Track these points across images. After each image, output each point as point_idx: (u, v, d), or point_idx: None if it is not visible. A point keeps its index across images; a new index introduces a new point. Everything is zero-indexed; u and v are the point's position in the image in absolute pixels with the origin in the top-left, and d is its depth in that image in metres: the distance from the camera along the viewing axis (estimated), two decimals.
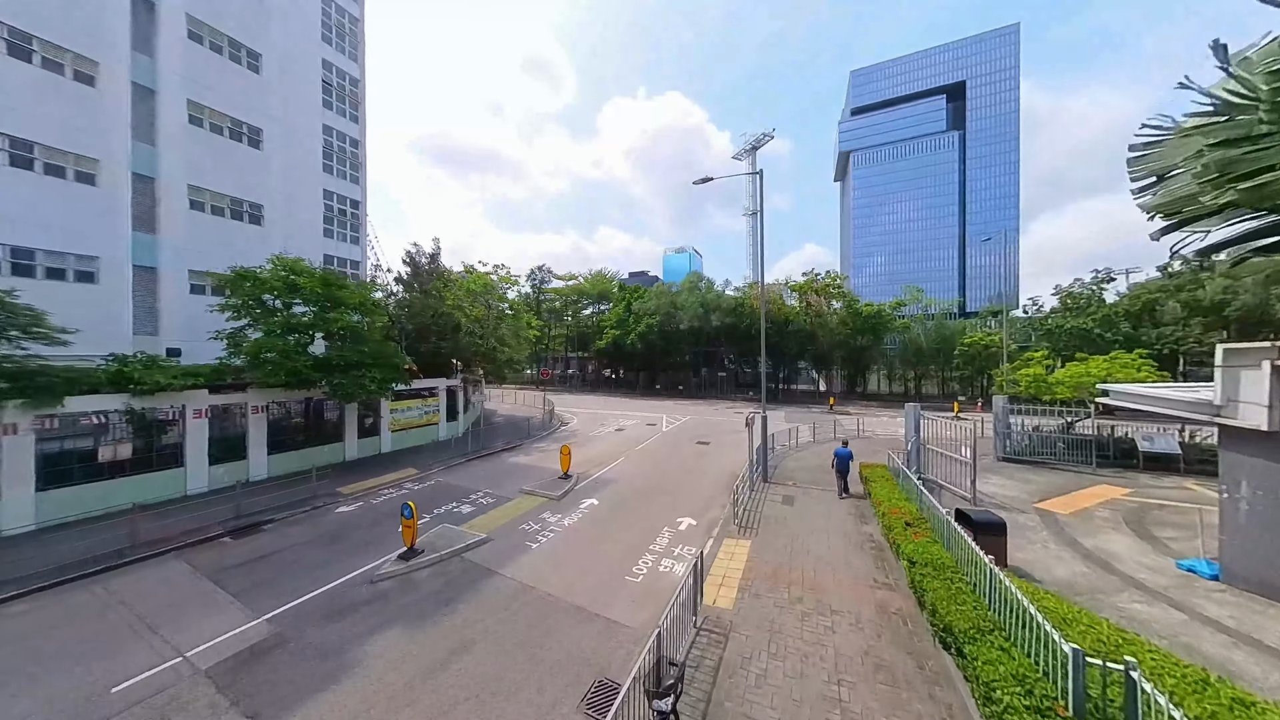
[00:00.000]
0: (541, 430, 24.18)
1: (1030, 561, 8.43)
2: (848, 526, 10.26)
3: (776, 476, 14.58)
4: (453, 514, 11.69)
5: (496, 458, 18.26)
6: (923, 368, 38.17)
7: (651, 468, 16.34)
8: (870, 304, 38.97)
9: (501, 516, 11.46)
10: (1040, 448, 16.07)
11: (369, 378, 15.07)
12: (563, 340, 55.55)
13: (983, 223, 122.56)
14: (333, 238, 23.10)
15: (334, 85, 23.18)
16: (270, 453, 14.70)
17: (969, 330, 35.28)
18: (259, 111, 19.53)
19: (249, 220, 19.26)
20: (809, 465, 16.13)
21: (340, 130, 23.51)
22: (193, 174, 17.48)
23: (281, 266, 14.44)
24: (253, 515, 11.29)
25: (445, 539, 9.72)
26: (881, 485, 10.90)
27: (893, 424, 27.09)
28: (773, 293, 40.41)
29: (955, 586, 5.84)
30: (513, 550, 9.42)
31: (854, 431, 22.70)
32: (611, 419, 28.70)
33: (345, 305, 15.40)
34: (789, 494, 12.76)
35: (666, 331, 39.66)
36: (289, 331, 14.33)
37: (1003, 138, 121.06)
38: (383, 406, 18.41)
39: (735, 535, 9.87)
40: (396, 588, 7.90)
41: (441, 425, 21.43)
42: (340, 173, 23.50)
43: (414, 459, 17.43)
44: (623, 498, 12.88)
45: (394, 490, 13.82)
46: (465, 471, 16.12)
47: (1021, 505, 11.75)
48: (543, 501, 12.57)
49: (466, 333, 20.71)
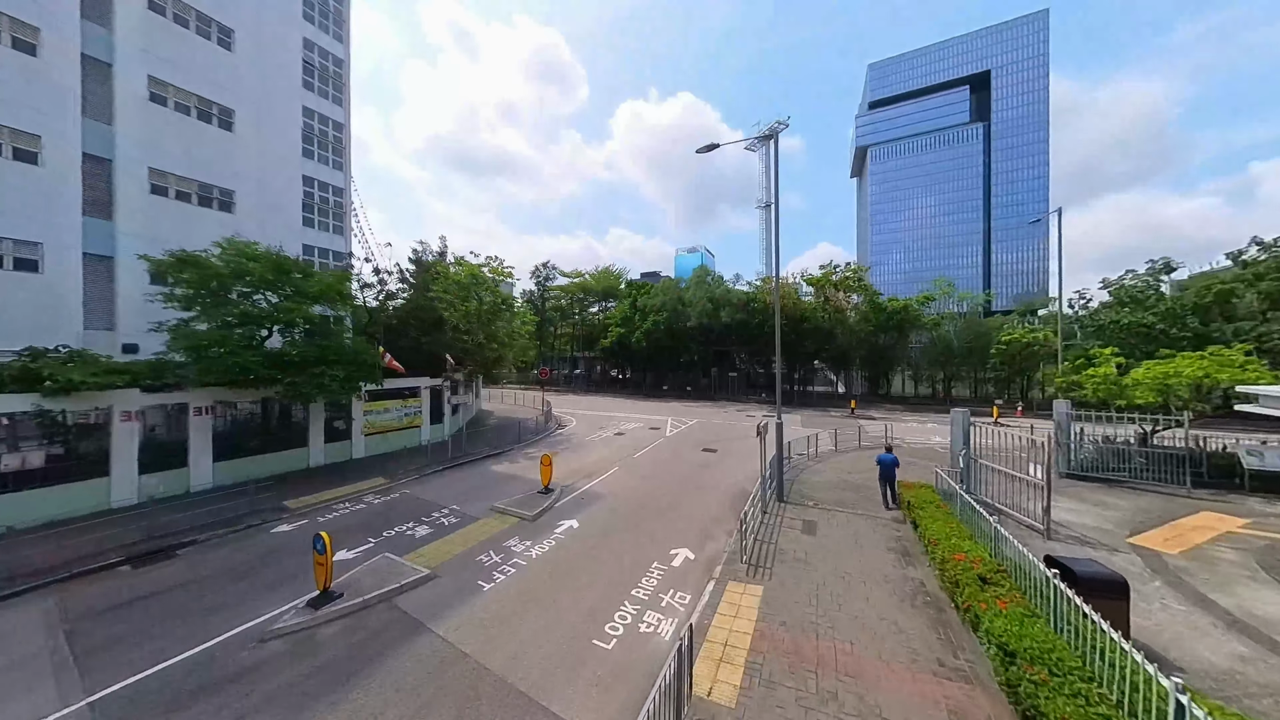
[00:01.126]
0: (536, 434, 22.31)
1: (1154, 631, 6.07)
2: (888, 568, 7.99)
3: (794, 495, 12.33)
4: (404, 537, 9.81)
5: (479, 465, 16.42)
6: (953, 368, 35.12)
7: (648, 480, 14.25)
8: (895, 298, 36.09)
9: (460, 542, 9.53)
10: (1113, 462, 13.43)
11: (330, 376, 13.36)
12: (569, 339, 53.86)
13: (1009, 217, 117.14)
14: (313, 227, 21.70)
15: (316, 65, 21.81)
16: (218, 459, 13.10)
17: (1006, 327, 32.14)
18: (230, 90, 18.17)
19: (218, 207, 17.89)
20: (832, 480, 13.81)
21: (323, 113, 22.12)
22: (154, 156, 16.14)
23: (231, 250, 12.86)
24: (170, 536, 9.60)
25: (378, 575, 7.82)
26: (931, 514, 8.58)
27: (923, 430, 24.40)
28: (787, 287, 37.88)
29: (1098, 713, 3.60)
30: (458, 593, 7.45)
31: (880, 439, 20.19)
32: (613, 422, 26.70)
33: (305, 295, 13.75)
34: (810, 518, 10.51)
35: (674, 329, 37.48)
36: (243, 323, 12.75)
37: (1031, 128, 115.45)
38: (355, 408, 16.76)
39: (743, 577, 7.72)
40: (288, 651, 6.00)
41: (425, 428, 19.72)
42: (322, 158, 22.10)
43: (387, 466, 15.70)
44: (609, 519, 10.83)
45: (350, 505, 12.04)
46: (439, 482, 14.30)
47: (1109, 540, 9.27)
48: (513, 523, 10.60)
49: (451, 328, 18.97)
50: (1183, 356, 12.63)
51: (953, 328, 35.24)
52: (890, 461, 11.43)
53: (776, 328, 12.51)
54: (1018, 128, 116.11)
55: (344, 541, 9.54)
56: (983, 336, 32.90)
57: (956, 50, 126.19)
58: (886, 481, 11.36)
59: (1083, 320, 27.36)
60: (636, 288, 44.38)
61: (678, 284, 41.82)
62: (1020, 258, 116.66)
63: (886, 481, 11.36)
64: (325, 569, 6.92)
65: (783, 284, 38.40)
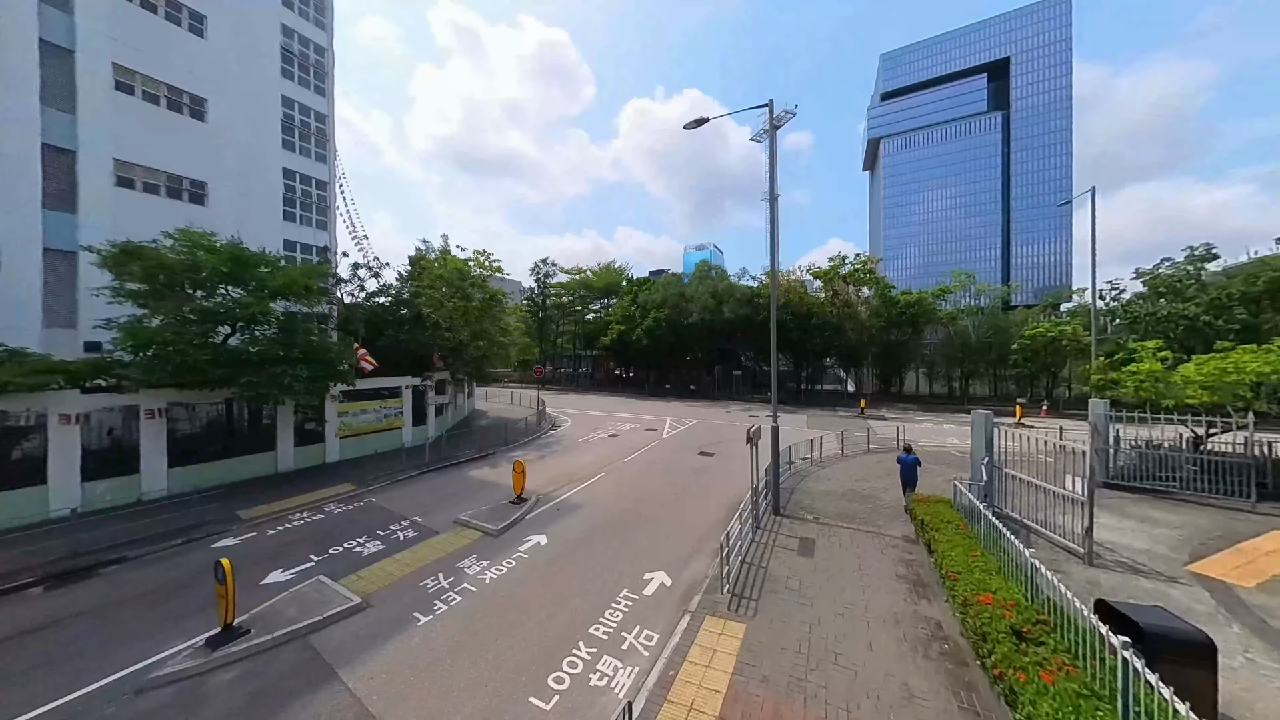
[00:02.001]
0: (525, 436, 21.31)
1: (1243, 699, 4.71)
2: (898, 602, 6.71)
3: (792, 506, 11.05)
4: (350, 555, 8.82)
5: (457, 471, 15.45)
6: (971, 365, 33.16)
7: (635, 488, 13.09)
8: (908, 291, 34.22)
9: (409, 562, 8.50)
10: (1159, 471, 11.86)
11: (292, 377, 12.48)
12: (570, 338, 52.93)
13: (1030, 209, 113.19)
14: (295, 221, 20.99)
15: (296, 54, 21.06)
16: (176, 465, 12.31)
17: (1030, 321, 30.12)
18: (204, 79, 17.45)
19: (190, 199, 17.20)
20: (836, 489, 12.47)
21: (304, 103, 21.38)
22: (120, 147, 15.45)
23: (185, 241, 12.04)
24: (100, 551, 8.75)
25: (302, 605, 6.81)
26: (949, 537, 7.26)
27: (937, 432, 22.77)
28: (792, 281, 36.30)
29: None
30: (387, 629, 6.39)
31: (891, 441, 18.71)
32: (609, 422, 25.60)
33: (267, 289, 12.89)
34: (808, 535, 9.24)
35: (676, 326, 36.19)
36: (202, 320, 11.92)
37: (1052, 116, 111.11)
38: (329, 409, 15.92)
39: (723, 611, 6.53)
40: (163, 706, 5.00)
41: (406, 430, 18.84)
42: (304, 150, 21.37)
43: (361, 471, 14.82)
44: (583, 534, 9.70)
45: (307, 515, 11.13)
46: (409, 488, 13.35)
47: (1164, 567, 7.84)
48: (475, 539, 9.54)
49: (431, 325, 18.05)
50: (1244, 350, 11.01)
51: (971, 322, 33.27)
52: (911, 462, 10.81)
53: (772, 321, 11.24)
54: (1039, 116, 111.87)
55: (283, 559, 8.60)
56: (1003, 331, 30.92)
57: (973, 37, 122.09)
58: (908, 484, 10.78)
59: (1115, 312, 25.33)
60: (638, 284, 43.18)
61: (680, 279, 40.45)
62: (1041, 251, 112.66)
63: (908, 484, 10.78)
64: (226, 601, 5.91)
65: (789, 279, 36.86)
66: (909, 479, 10.81)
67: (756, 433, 9.53)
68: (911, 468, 10.84)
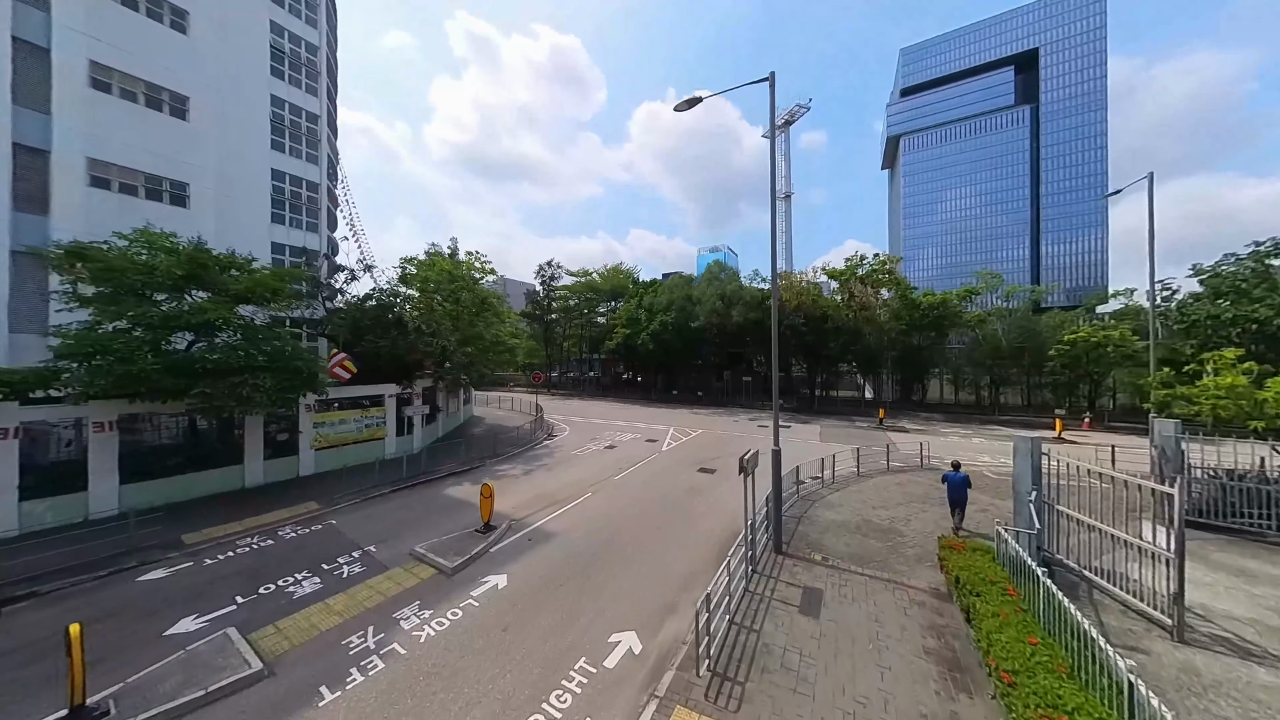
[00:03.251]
0: (517, 446, 20.17)
1: None
2: (926, 697, 5.16)
3: (797, 542, 9.51)
4: (280, 597, 7.69)
5: (435, 487, 14.36)
6: (1001, 371, 30.63)
7: (621, 512, 11.72)
8: (931, 292, 31.95)
9: (341, 609, 7.31)
10: (1245, 506, 9.88)
11: (253, 386, 11.56)
12: (577, 341, 51.95)
13: (1061, 206, 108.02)
14: (284, 224, 20.41)
15: (287, 52, 20.54)
16: (129, 480, 11.51)
17: (1069, 325, 27.54)
18: (186, 77, 16.95)
19: (170, 200, 16.67)
20: (849, 519, 10.84)
21: (295, 104, 20.85)
22: (96, 146, 14.97)
23: (139, 242, 11.28)
24: (8, 586, 7.85)
25: (191, 671, 5.66)
26: (995, 605, 5.65)
27: (966, 447, 20.68)
28: (804, 282, 34.40)
29: None
30: (282, 710, 5.18)
31: (914, 458, 16.87)
32: (609, 432, 24.29)
33: (228, 293, 12.05)
34: (814, 584, 7.71)
35: (682, 330, 34.72)
36: (160, 325, 11.12)
37: (1085, 109, 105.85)
38: (303, 419, 15.05)
39: (699, 702, 5.11)
40: None
41: (390, 441, 17.88)
42: (295, 151, 20.82)
43: (333, 486, 13.83)
44: (548, 574, 8.38)
45: (257, 540, 10.12)
46: (377, 509, 12.28)
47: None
48: (426, 577, 8.32)
49: (413, 330, 17.09)
50: None
51: (1001, 325, 30.78)
52: (960, 481, 9.93)
53: (774, 328, 9.76)
54: (1070, 109, 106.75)
55: (203, 601, 7.53)
56: (1037, 335, 28.39)
57: (999, 29, 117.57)
58: (957, 505, 9.93)
59: (1168, 315, 22.78)
60: (644, 286, 41.87)
61: (688, 281, 39.00)
62: (1073, 250, 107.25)
63: (957, 505, 9.93)
64: (73, 678, 4.78)
65: (802, 280, 35.01)
66: (958, 499, 9.90)
67: (752, 460, 8.05)
68: (961, 487, 9.91)
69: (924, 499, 12.38)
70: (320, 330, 17.26)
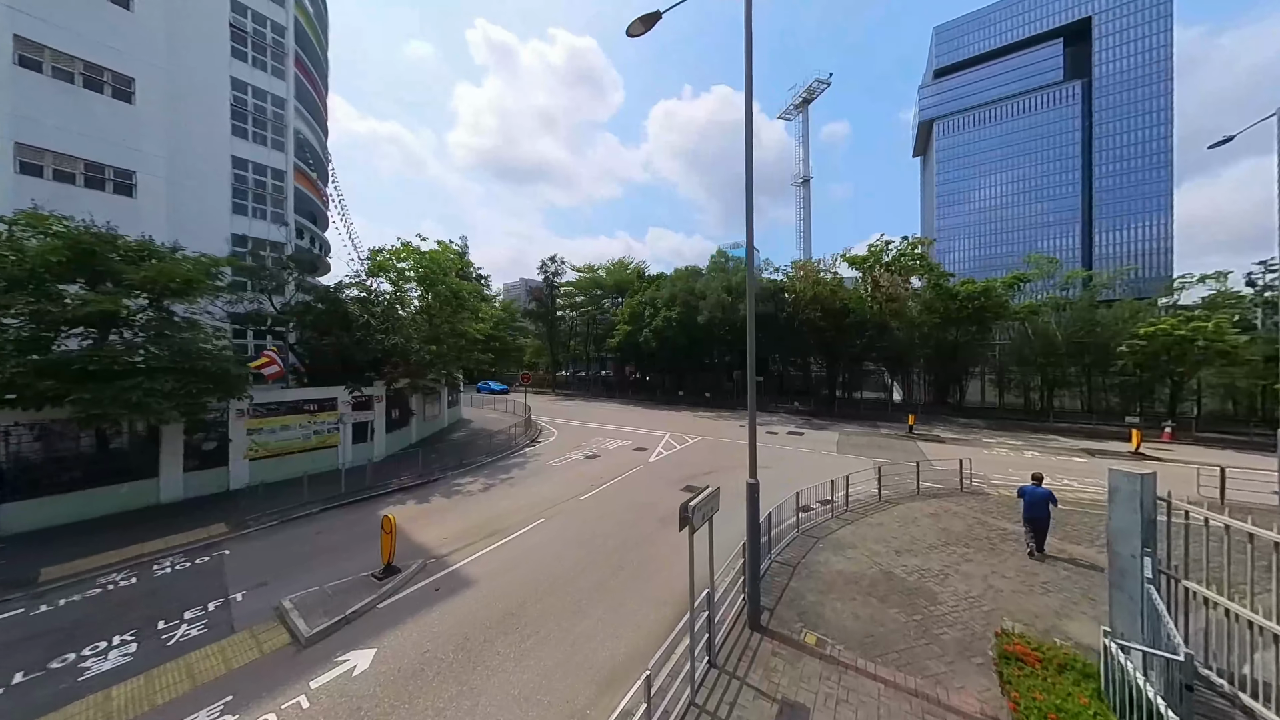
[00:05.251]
0: (492, 454, 18.17)
1: None
2: None
3: (786, 609, 6.88)
4: (71, 674, 5.73)
5: (373, 505, 12.43)
6: (1056, 371, 26.34)
7: (565, 551, 9.38)
8: (971, 281, 28.01)
9: (119, 706, 5.27)
10: None
11: (147, 390, 9.89)
12: (583, 340, 50.03)
13: (1117, 189, 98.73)
14: (246, 214, 19.15)
15: (249, 33, 19.27)
16: (16, 498, 10.05)
17: (1142, 316, 23.21)
18: (130, 56, 15.75)
19: (113, 189, 15.49)
20: (864, 571, 8.09)
21: (258, 87, 19.56)
22: (25, 130, 13.85)
23: (21, 223, 9.81)
24: None
25: None
26: None
27: (1018, 463, 17.16)
28: (820, 271, 30.98)
29: None
30: None
31: (952, 476, 13.75)
32: (599, 438, 22.04)
33: (124, 283, 10.46)
34: (797, 701, 5.08)
35: (688, 326, 32.06)
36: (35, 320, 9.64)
37: (1146, 81, 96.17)
38: (234, 426, 13.45)
39: None
40: None
41: (344, 448, 16.16)
42: (258, 137, 19.53)
43: (261, 502, 12.09)
44: (429, 653, 6.11)
45: (122, 576, 8.33)
46: (289, 534, 10.41)
47: None
48: (271, 650, 6.21)
49: (359, 326, 15.30)
50: None
51: (1057, 318, 26.53)
52: (1042, 498, 8.46)
53: (750, 321, 7.18)
54: (1128, 84, 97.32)
55: None
56: (1103, 328, 24.11)
57: None
58: (1032, 526, 8.58)
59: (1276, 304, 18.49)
60: (650, 281, 39.42)
61: (692, 273, 36.28)
62: (1131, 238, 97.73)
63: (1032, 526, 8.58)
64: None
65: (819, 269, 31.70)
66: (1037, 518, 8.44)
67: (706, 505, 5.41)
68: (1043, 504, 8.43)
69: (967, 539, 9.44)
70: (267, 327, 15.77)
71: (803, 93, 70.86)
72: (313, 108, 29.11)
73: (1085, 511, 11.18)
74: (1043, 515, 8.49)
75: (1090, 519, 10.65)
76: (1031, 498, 8.58)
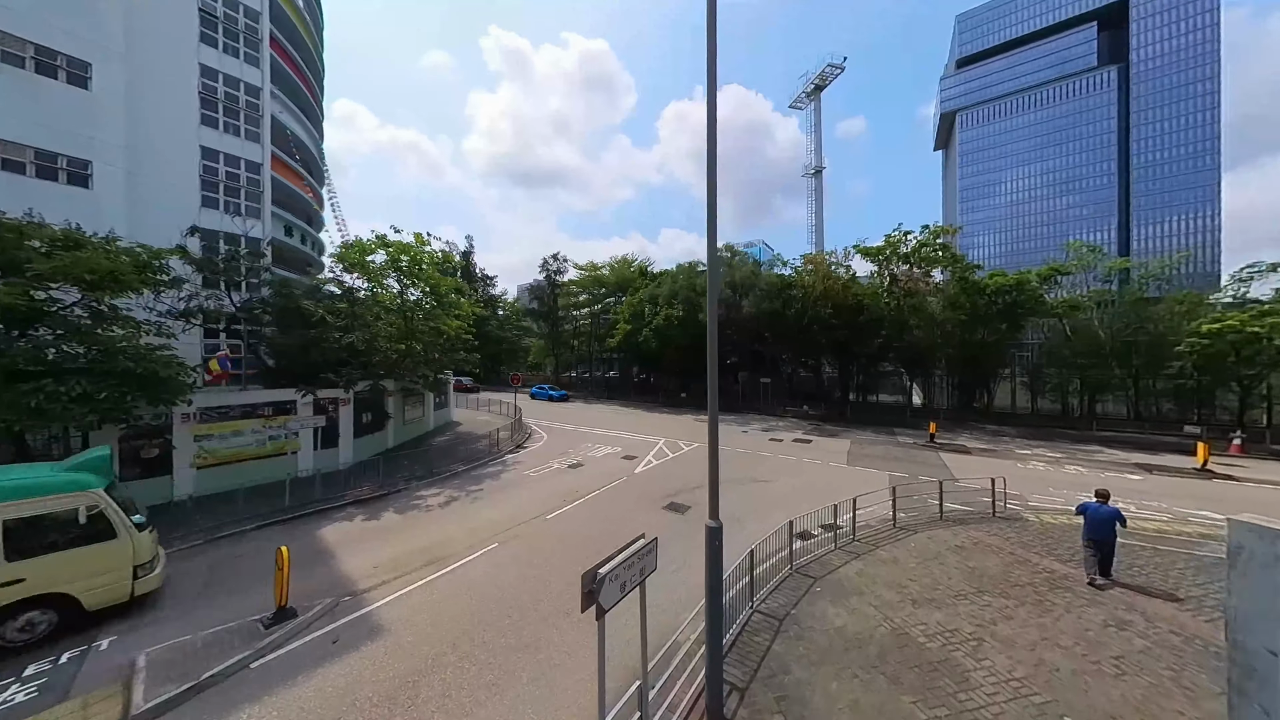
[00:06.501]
0: (469, 461, 16.85)
1: None
2: None
3: (761, 690, 5.17)
4: None
5: (316, 521, 11.14)
6: (1100, 373, 23.58)
7: (511, 587, 7.85)
8: (1001, 272, 25.46)
9: None
10: None
11: (49, 393, 8.78)
12: (586, 340, 48.72)
13: (1159, 180, 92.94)
14: (217, 208, 18.30)
15: (219, 17, 18.44)
16: None
17: (1203, 310, 20.41)
18: (86, 40, 14.96)
19: (67, 180, 14.69)
20: (872, 633, 6.30)
21: (230, 74, 18.72)
22: None
23: None
24: None
25: None
26: None
27: (1059, 481, 14.88)
28: (832, 265, 28.80)
29: None
30: None
31: (981, 496, 11.73)
32: (588, 443, 20.54)
33: (27, 274, 9.40)
34: None
35: (690, 325, 30.30)
36: None
37: (1190, 64, 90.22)
38: (177, 431, 12.38)
39: None
40: None
41: (306, 454, 15.00)
42: (231, 128, 18.67)
43: (200, 516, 11.02)
44: None
45: None
46: (211, 557, 9.16)
47: None
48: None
49: (314, 324, 14.08)
50: None
51: (1101, 315, 23.81)
52: (1108, 517, 7.35)
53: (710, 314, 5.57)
54: (1170, 68, 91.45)
55: None
56: (1153, 326, 21.40)
57: None
58: (1095, 546, 7.46)
59: None
60: (652, 278, 37.80)
61: (694, 268, 34.47)
62: (1173, 231, 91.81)
63: (1095, 546, 7.46)
64: None
65: (832, 263, 29.56)
66: (1102, 540, 7.36)
67: (614, 578, 3.74)
68: (1108, 524, 7.33)
69: (1005, 584, 7.55)
70: (224, 326, 14.78)
71: (814, 79, 67.83)
72: (305, 106, 28.51)
73: (1154, 547, 9.11)
74: (1109, 538, 7.41)
75: (1164, 558, 8.60)
76: (1096, 517, 7.44)
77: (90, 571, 6.39)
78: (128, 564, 6.66)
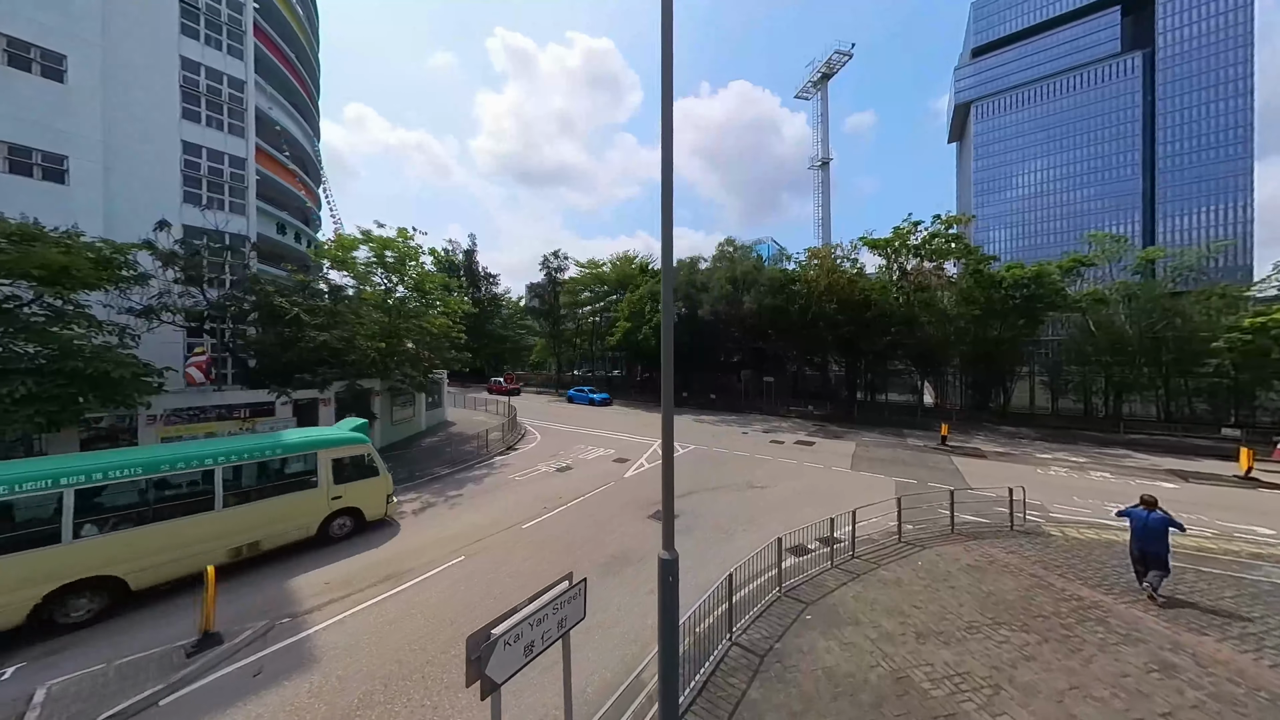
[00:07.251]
0: (456, 464, 16.22)
1: None
2: None
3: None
4: None
5: None
6: (1127, 372, 22.08)
7: (468, 608, 7.11)
8: (1019, 264, 24.06)
9: None
10: None
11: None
12: (587, 338, 48.04)
13: (1187, 169, 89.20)
14: (199, 203, 17.92)
15: (200, 8, 18.02)
16: None
17: (1242, 304, 18.89)
18: (60, 31, 14.59)
19: (42, 175, 14.36)
20: (867, 676, 5.40)
21: (213, 67, 18.30)
22: None
23: None
24: None
25: None
26: None
27: (1085, 489, 13.71)
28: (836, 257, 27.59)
29: None
30: None
31: (997, 506, 10.69)
32: (581, 445, 19.81)
33: None
34: None
35: (691, 322, 29.37)
36: None
37: (1221, 48, 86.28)
38: (143, 435, 11.92)
39: None
40: None
41: None
42: (214, 121, 18.27)
43: None
44: None
45: None
46: None
47: None
48: None
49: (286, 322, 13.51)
50: None
51: (1128, 308, 22.31)
52: (1158, 526, 6.49)
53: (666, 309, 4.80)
54: (1198, 51, 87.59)
55: None
56: (1185, 321, 19.90)
57: None
58: (1150, 562, 6.62)
59: None
60: (652, 274, 36.92)
61: (694, 264, 33.50)
62: (1201, 223, 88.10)
63: (1150, 562, 6.62)
64: None
65: (838, 256, 28.38)
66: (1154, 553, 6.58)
67: (500, 645, 2.92)
68: (1160, 535, 6.51)
69: (1025, 613, 6.58)
70: (199, 324, 14.32)
71: (821, 67, 65.93)
72: (299, 103, 28.19)
73: (1196, 569, 8.02)
74: (1159, 550, 6.55)
75: (1209, 582, 7.53)
76: (1145, 527, 6.61)
77: (369, 494, 9.70)
78: (384, 492, 10.00)
